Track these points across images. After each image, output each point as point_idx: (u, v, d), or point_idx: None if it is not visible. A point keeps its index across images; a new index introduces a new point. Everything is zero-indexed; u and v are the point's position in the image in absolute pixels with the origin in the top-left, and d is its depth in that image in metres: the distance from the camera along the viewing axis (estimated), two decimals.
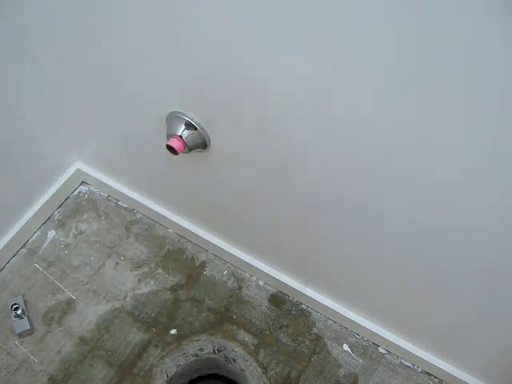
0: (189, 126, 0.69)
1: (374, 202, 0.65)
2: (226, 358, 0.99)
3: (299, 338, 1.01)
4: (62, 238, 1.10)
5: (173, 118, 0.69)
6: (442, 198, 0.57)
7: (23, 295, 1.01)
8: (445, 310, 0.78)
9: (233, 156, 0.74)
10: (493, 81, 0.41)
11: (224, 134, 0.70)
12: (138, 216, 1.14)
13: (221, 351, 0.99)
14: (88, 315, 1.01)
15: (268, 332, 1.01)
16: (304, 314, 1.04)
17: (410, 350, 0.95)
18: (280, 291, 1.06)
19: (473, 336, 0.81)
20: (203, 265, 1.09)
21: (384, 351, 1.01)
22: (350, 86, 0.50)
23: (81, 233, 1.11)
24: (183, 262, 1.09)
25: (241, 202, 0.86)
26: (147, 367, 0.96)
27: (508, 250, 0.59)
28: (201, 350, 0.99)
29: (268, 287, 1.07)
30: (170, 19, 0.56)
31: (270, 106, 0.60)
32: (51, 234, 1.10)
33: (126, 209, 1.14)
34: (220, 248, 1.05)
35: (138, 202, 1.08)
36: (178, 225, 1.07)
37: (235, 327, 1.01)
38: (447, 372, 0.93)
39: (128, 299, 1.04)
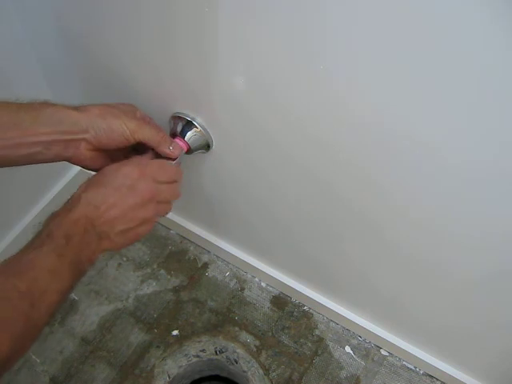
0: (192, 126, 0.69)
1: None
2: (228, 359, 0.99)
3: (301, 340, 1.01)
4: None
5: (176, 118, 0.69)
6: None
7: None
8: (447, 312, 0.78)
9: (236, 158, 0.74)
10: None
11: (228, 136, 0.70)
12: None
13: (223, 352, 0.99)
14: (90, 316, 1.02)
15: (270, 333, 1.01)
16: (306, 316, 1.04)
17: (412, 352, 0.95)
18: (282, 293, 1.06)
19: (475, 338, 0.81)
20: (205, 266, 1.09)
21: (386, 353, 1.00)
22: None
23: None
24: (185, 263, 1.09)
25: (242, 204, 0.86)
26: (149, 368, 0.96)
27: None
28: (203, 351, 0.99)
29: (270, 288, 1.07)
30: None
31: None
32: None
33: None
34: (222, 249, 1.05)
35: None
36: (180, 226, 1.07)
37: (237, 328, 1.01)
38: (449, 374, 0.93)
39: (130, 300, 1.04)
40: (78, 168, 1.11)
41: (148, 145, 0.59)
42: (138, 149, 0.65)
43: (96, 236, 0.51)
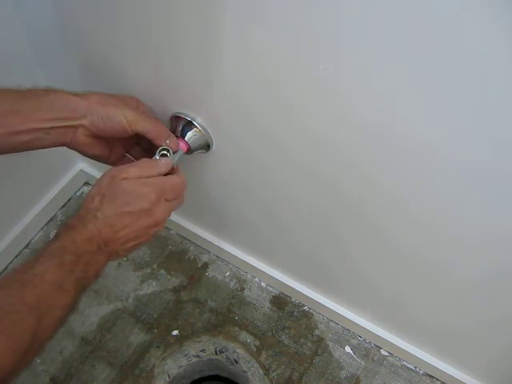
0: (192, 126, 0.69)
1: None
2: (228, 359, 0.99)
3: (301, 340, 1.01)
4: None
5: (176, 118, 0.69)
6: None
7: None
8: (447, 312, 0.78)
9: (236, 158, 0.74)
10: None
11: (228, 136, 0.70)
12: None
13: (223, 352, 0.99)
14: (90, 316, 1.01)
15: (270, 333, 1.01)
16: (306, 316, 1.04)
17: (412, 352, 0.95)
18: (282, 293, 1.06)
19: (475, 338, 0.81)
20: (205, 266, 1.09)
21: (386, 353, 1.00)
22: None
23: None
24: (185, 263, 1.09)
25: (242, 204, 0.86)
26: (149, 368, 0.96)
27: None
28: (203, 351, 0.99)
29: (270, 289, 1.07)
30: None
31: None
32: (54, 234, 1.10)
33: None
34: (222, 249, 1.05)
35: None
36: (180, 226, 1.07)
37: (237, 328, 1.01)
38: (449, 374, 0.93)
39: (130, 300, 1.04)
40: (79, 168, 1.11)
41: (146, 137, 0.59)
42: (141, 144, 0.65)
43: (106, 254, 0.51)
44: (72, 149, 0.59)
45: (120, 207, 0.52)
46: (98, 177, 0.56)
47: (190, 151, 0.69)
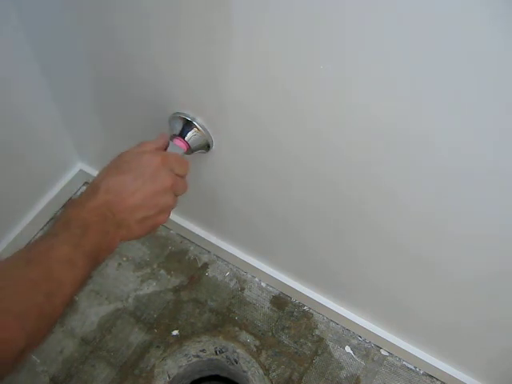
0: (192, 126, 0.69)
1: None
2: (228, 359, 0.99)
3: (301, 340, 1.01)
4: None
5: (176, 118, 0.69)
6: None
7: None
8: (447, 312, 0.78)
9: (236, 158, 0.74)
10: None
11: (228, 136, 0.70)
12: None
13: (223, 352, 0.99)
14: (90, 316, 1.02)
15: (270, 333, 1.01)
16: (306, 316, 1.04)
17: (412, 352, 0.95)
18: (282, 293, 1.06)
19: (475, 338, 0.81)
20: (205, 266, 1.09)
21: (386, 353, 1.00)
22: None
23: None
24: (185, 263, 1.09)
25: (242, 204, 0.86)
26: (149, 368, 0.96)
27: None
28: (203, 351, 0.99)
29: (270, 288, 1.07)
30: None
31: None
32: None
33: None
34: (222, 249, 1.05)
35: None
36: (180, 226, 1.07)
37: (237, 328, 1.01)
38: (449, 374, 0.93)
39: (130, 300, 1.04)
40: (79, 168, 1.11)
41: None
42: None
43: (115, 224, 0.50)
44: None
45: (124, 174, 0.51)
46: None
47: (189, 151, 0.69)
